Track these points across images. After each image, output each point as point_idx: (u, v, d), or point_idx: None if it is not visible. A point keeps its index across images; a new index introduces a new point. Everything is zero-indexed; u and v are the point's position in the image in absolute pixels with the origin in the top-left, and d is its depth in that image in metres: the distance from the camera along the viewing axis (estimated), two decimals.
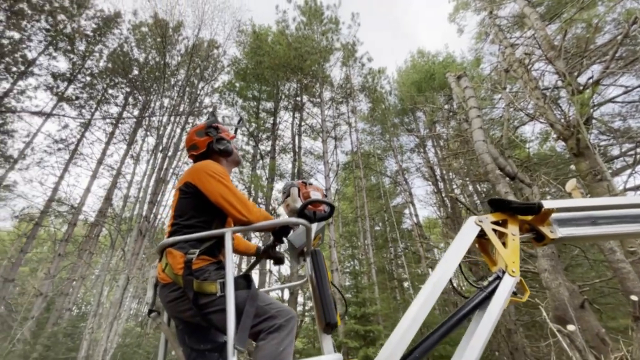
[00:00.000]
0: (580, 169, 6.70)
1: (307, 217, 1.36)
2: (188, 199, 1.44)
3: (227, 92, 14.55)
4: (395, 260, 18.83)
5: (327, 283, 1.26)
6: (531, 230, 1.60)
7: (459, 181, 16.00)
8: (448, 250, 1.48)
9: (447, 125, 14.96)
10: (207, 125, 1.69)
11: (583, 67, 7.64)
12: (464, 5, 12.44)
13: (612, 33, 8.59)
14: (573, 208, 1.54)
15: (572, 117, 7.04)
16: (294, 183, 1.53)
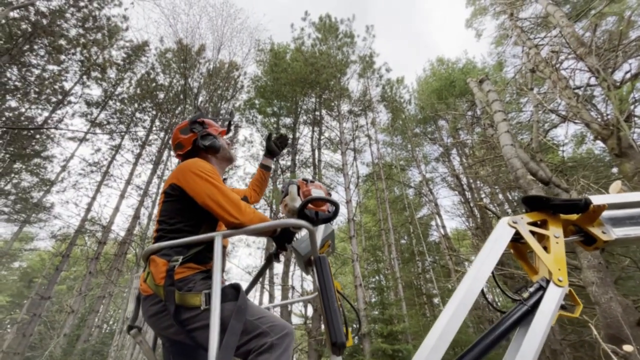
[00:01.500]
0: (623, 170, 6.13)
1: (307, 217, 1.19)
2: (173, 202, 1.31)
3: (247, 110, 14.92)
4: (423, 274, 18.01)
5: (334, 295, 1.06)
6: (578, 232, 1.37)
7: (487, 189, 15.25)
8: (478, 256, 1.27)
9: (472, 132, 14.43)
10: (191, 121, 1.56)
11: (618, 62, 7.13)
12: (482, 11, 12.20)
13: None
14: (630, 204, 1.29)
15: (610, 115, 6.53)
16: (294, 181, 1.36)
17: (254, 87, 14.86)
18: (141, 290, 1.22)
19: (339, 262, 16.34)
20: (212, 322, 0.95)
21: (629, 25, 7.67)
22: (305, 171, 14.80)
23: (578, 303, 1.18)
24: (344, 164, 12.34)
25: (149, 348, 1.25)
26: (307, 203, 1.20)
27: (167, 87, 14.56)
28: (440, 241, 16.08)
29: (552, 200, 1.33)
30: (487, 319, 12.69)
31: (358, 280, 9.41)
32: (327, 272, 1.09)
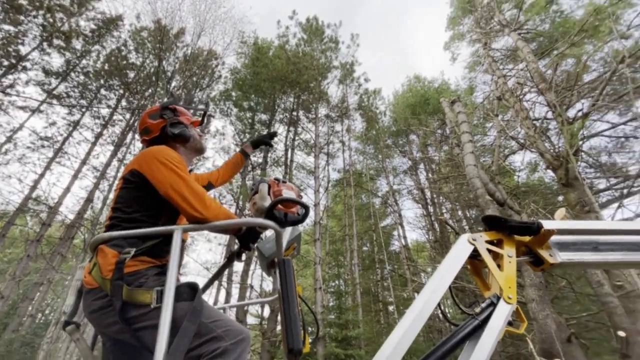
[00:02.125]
0: (568, 199, 6.71)
1: (276, 218, 1.13)
2: (132, 189, 1.21)
3: (222, 101, 14.50)
4: (381, 282, 18.47)
5: (295, 300, 1.03)
6: (528, 253, 1.47)
7: (448, 205, 16.02)
8: (438, 270, 1.32)
9: (439, 149, 15.11)
10: (162, 107, 1.47)
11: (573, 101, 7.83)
12: (459, 36, 12.87)
13: (599, 71, 8.90)
14: (576, 230, 1.41)
15: (561, 147, 7.13)
16: (265, 179, 1.30)
17: (232, 79, 14.50)
18: (84, 283, 1.11)
19: (302, 264, 16.30)
20: (161, 322, 0.87)
21: (584, 69, 8.45)
22: (277, 170, 14.65)
23: (523, 320, 1.26)
24: (316, 167, 12.38)
25: (87, 347, 1.14)
26: (277, 203, 1.15)
27: (138, 67, 13.77)
28: (400, 251, 16.61)
29: (508, 221, 1.42)
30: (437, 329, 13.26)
31: (318, 283, 9.44)
32: (291, 276, 1.07)
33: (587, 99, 8.10)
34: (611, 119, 8.64)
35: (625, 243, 1.46)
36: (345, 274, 17.17)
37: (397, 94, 18.68)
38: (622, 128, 8.39)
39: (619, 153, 9.37)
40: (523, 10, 10.30)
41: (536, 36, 10.48)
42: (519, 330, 1.22)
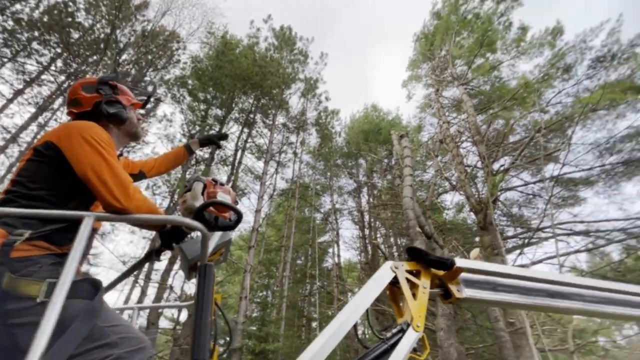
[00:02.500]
0: (483, 241, 7.57)
1: (205, 221, 1.05)
2: (43, 163, 1.06)
3: (176, 87, 13.64)
4: (309, 297, 18.52)
5: (210, 308, 0.98)
6: (440, 286, 1.61)
7: (383, 231, 16.89)
8: (359, 292, 1.39)
9: (383, 177, 16.02)
10: (100, 80, 1.30)
11: (498, 156, 8.97)
12: (417, 78, 14.05)
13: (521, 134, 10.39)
14: (481, 271, 1.60)
15: (484, 195, 8.07)
16: (202, 178, 1.22)
17: (192, 66, 13.79)
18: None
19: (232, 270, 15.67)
20: (45, 318, 0.73)
21: (511, 131, 9.80)
22: (222, 169, 14.09)
23: (427, 347, 1.37)
24: (265, 173, 12.21)
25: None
26: (209, 205, 1.08)
27: (86, 29, 12.38)
28: (332, 268, 16.92)
29: (428, 255, 1.56)
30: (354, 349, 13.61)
31: (245, 292, 9.12)
32: (210, 283, 1.01)
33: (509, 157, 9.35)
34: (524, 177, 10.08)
35: (518, 287, 1.70)
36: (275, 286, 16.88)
37: (353, 118, 19.52)
38: (532, 187, 9.83)
39: (526, 207, 10.92)
40: (471, 69, 11.68)
41: (478, 94, 11.90)
42: (421, 357, 1.32)
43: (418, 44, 13.64)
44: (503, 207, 10.35)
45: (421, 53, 13.37)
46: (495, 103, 10.13)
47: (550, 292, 1.80)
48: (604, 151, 8.60)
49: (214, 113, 14.54)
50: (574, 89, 9.26)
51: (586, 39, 8.94)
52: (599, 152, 8.69)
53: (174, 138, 13.54)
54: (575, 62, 9.26)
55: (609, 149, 8.47)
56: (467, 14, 11.89)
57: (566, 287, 1.80)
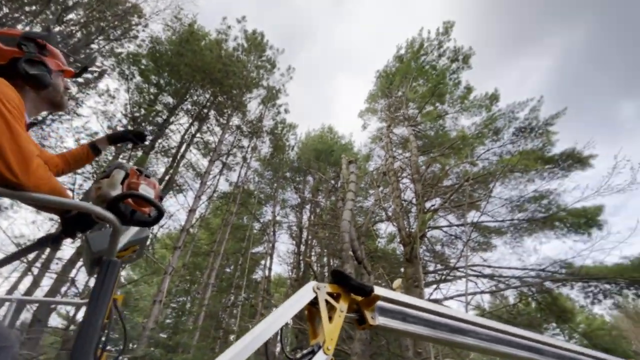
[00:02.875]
0: (406, 272, 8.09)
1: (120, 212, 0.95)
2: None
3: (128, 63, 12.55)
4: (231, 308, 17.67)
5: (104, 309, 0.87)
6: (357, 311, 1.69)
7: (318, 250, 17.07)
8: (279, 308, 1.39)
9: (327, 198, 16.36)
10: (25, 35, 1.13)
11: (431, 196, 9.81)
12: (373, 111, 14.94)
13: (453, 181, 11.54)
14: (395, 301, 1.71)
15: (414, 229, 8.70)
16: (125, 165, 1.09)
17: (150, 47, 12.87)
18: None
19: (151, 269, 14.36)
20: None
21: (444, 175, 10.83)
22: (162, 160, 13.12)
23: None
24: (208, 172, 11.65)
25: None
26: (127, 197, 0.98)
27: None
28: (261, 281, 16.47)
29: (351, 280, 1.63)
30: None
31: (161, 295, 8.38)
32: (111, 281, 0.90)
33: (440, 198, 10.28)
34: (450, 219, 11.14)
35: (425, 320, 1.85)
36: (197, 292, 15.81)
37: (309, 135, 19.85)
38: (455, 229, 10.87)
39: (448, 247, 12.00)
40: (421, 114, 12.81)
41: (424, 137, 13.04)
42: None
43: (379, 81, 14.60)
44: (428, 244, 11.24)
45: (380, 89, 14.31)
46: (436, 148, 11.18)
47: (452, 327, 1.99)
48: (514, 207, 9.94)
49: (165, 100, 13.63)
50: (500, 149, 10.70)
51: (514, 110, 10.46)
52: (511, 208, 10.03)
53: (113, 117, 12.32)
54: (504, 127, 10.73)
55: (519, 207, 9.83)
56: (425, 64, 13.15)
57: (465, 324, 2.00)
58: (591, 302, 8.19)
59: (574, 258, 7.94)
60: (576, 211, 8.42)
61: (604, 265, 7.54)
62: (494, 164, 10.30)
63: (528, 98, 10.26)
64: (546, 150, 9.77)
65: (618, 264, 7.34)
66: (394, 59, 14.24)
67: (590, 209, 8.26)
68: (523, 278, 8.49)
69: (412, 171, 9.88)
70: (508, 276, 8.71)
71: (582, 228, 8.40)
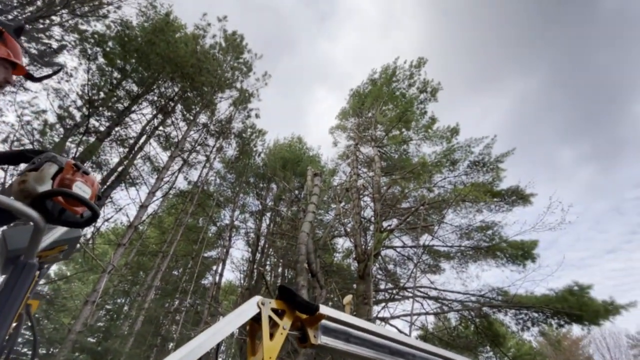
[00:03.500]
0: (358, 289, 8.20)
1: (45, 210, 0.87)
2: None
3: (91, 44, 11.71)
4: (174, 314, 16.63)
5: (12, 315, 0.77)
6: (300, 329, 1.68)
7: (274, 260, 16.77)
8: (221, 320, 1.35)
9: (289, 207, 16.25)
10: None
11: (389, 216, 10.15)
12: (343, 128, 15.29)
13: (410, 204, 12.07)
14: (340, 321, 1.73)
15: (369, 247, 8.90)
16: (60, 159, 0.98)
17: (120, 30, 12.16)
18: None
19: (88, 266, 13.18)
20: None
21: (403, 197, 11.28)
22: (117, 150, 12.25)
23: None
24: (166, 167, 11.08)
25: None
26: (56, 194, 0.90)
27: None
28: (210, 287, 15.76)
29: (297, 297, 1.63)
30: None
31: (95, 295, 7.67)
32: (24, 286, 0.81)
33: (397, 219, 10.65)
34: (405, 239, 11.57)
35: (367, 341, 1.89)
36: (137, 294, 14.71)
37: (277, 143, 19.75)
38: (408, 250, 11.30)
39: (400, 267, 12.42)
40: (388, 136, 13.35)
41: (388, 159, 13.55)
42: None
43: (352, 99, 15.04)
44: (382, 262, 11.55)
45: (352, 108, 14.73)
46: (398, 171, 11.66)
47: (392, 349, 2.05)
48: (463, 234, 10.60)
49: (129, 87, 12.87)
50: (455, 179, 11.43)
51: (471, 145, 11.28)
52: (460, 234, 10.68)
53: (67, 96, 11.37)
54: (461, 159, 11.51)
55: (467, 234, 10.49)
56: (396, 90, 13.82)
57: (404, 346, 2.08)
58: (521, 329, 8.87)
59: (509, 287, 8.60)
60: (515, 243, 9.18)
61: (534, 295, 8.25)
62: (449, 192, 10.96)
63: (484, 135, 11.15)
64: (495, 185, 10.61)
65: (545, 294, 8.07)
66: (368, 81, 14.80)
67: (527, 242, 9.05)
68: (464, 302, 9.00)
69: (374, 190, 10.18)
70: (451, 299, 9.18)
71: (518, 259, 9.15)
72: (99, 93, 11.87)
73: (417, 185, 11.40)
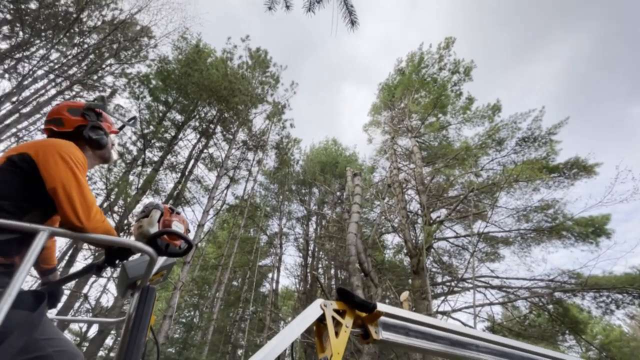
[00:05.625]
0: (414, 284, 8.08)
1: (157, 247, 1.13)
2: (13, 172, 1.10)
3: (138, 83, 13.02)
4: (239, 322, 17.61)
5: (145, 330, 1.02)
6: (362, 326, 1.80)
7: (325, 262, 17.04)
8: (289, 325, 1.51)
9: (333, 210, 16.44)
10: (87, 106, 1.42)
11: (436, 207, 9.85)
12: (376, 124, 15.14)
13: (458, 191, 11.57)
14: (397, 316, 1.82)
15: (420, 241, 8.72)
16: (159, 205, 1.30)
17: (159, 66, 13.36)
18: None
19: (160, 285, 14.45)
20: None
21: (449, 186, 10.87)
22: (171, 176, 13.40)
23: None
24: (215, 187, 11.87)
25: None
26: (163, 234, 1.17)
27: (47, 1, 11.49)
28: (268, 294, 16.46)
29: (355, 297, 1.75)
30: None
31: (171, 310, 8.47)
32: (150, 306, 1.07)
33: (446, 209, 10.30)
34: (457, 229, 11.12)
35: (427, 334, 1.95)
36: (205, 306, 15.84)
37: (313, 148, 20.09)
38: (462, 239, 10.84)
39: (456, 258, 11.94)
40: (424, 125, 12.96)
41: (427, 147, 13.15)
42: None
43: (381, 93, 14.85)
44: (435, 255, 11.21)
45: (383, 101, 14.54)
46: (440, 159, 11.27)
47: (452, 340, 2.08)
48: (521, 217, 9.92)
49: (173, 117, 14.04)
50: (504, 159, 10.74)
51: (516, 121, 10.55)
52: (517, 218, 10.01)
53: (123, 134, 12.72)
54: (507, 137, 10.81)
55: (525, 216, 9.80)
56: (426, 76, 13.38)
57: (464, 337, 2.10)
58: (603, 313, 8.07)
59: (581, 268, 7.87)
60: (583, 220, 8.39)
61: (613, 275, 7.47)
62: (499, 174, 10.34)
63: (530, 109, 10.36)
64: (550, 160, 9.80)
65: (627, 273, 7.26)
66: (395, 72, 14.51)
67: (597, 218, 8.22)
68: (532, 288, 8.41)
69: (417, 182, 9.96)
70: (517, 287, 8.64)
71: (589, 237, 8.34)
72: (149, 126, 13.10)
73: (463, 171, 10.92)
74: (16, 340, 0.84)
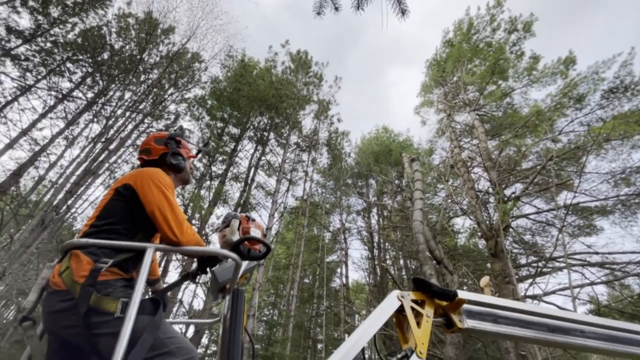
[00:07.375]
0: (494, 268, 7.48)
1: (240, 252, 1.28)
2: (121, 201, 1.32)
3: (196, 106, 14.28)
4: (315, 318, 18.25)
5: (241, 329, 1.15)
6: (443, 315, 1.73)
7: (393, 253, 16.71)
8: (367, 319, 1.51)
9: (393, 199, 16.02)
10: (169, 136, 1.66)
11: (509, 182, 8.97)
12: (429, 103, 14.30)
13: (533, 162, 10.37)
14: (482, 303, 1.71)
15: (495, 221, 8.03)
16: (237, 215, 1.44)
17: (211, 87, 14.46)
18: (51, 283, 1.14)
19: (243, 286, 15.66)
20: (123, 331, 0.93)
21: (522, 157, 9.81)
22: (236, 185, 14.41)
23: None
24: (276, 191, 12.44)
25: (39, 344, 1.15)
26: (245, 240, 1.30)
27: (116, 50, 13.24)
28: (339, 289, 16.73)
29: (432, 286, 1.68)
30: None
31: (253, 310, 9.15)
32: (242, 306, 1.19)
33: (521, 183, 9.33)
34: (538, 204, 9.99)
35: (518, 320, 1.79)
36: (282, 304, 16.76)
37: (364, 139, 19.79)
38: (545, 215, 9.71)
39: (540, 235, 10.74)
40: (483, 95, 11.86)
41: (490, 119, 12.02)
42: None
43: (430, 70, 13.98)
44: (515, 235, 10.21)
45: (433, 79, 13.67)
46: (507, 130, 10.21)
47: (551, 326, 1.88)
48: (619, 181, 8.51)
49: (230, 131, 15.08)
50: (587, 118, 9.29)
51: (598, 71, 9.05)
52: (614, 182, 8.61)
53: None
54: (588, 92, 9.34)
55: (625, 180, 8.38)
56: (478, 42, 12.22)
57: (565, 322, 1.88)
58: None
59: None
60: None
61: None
62: (582, 136, 9.00)
63: (614, 54, 8.79)
64: None
65: None
66: (442, 45, 13.53)
67: None
68: None
69: (484, 159, 9.17)
70: (624, 262, 7.44)
71: None
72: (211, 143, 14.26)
73: (537, 139, 9.74)
74: (146, 339, 1.01)
